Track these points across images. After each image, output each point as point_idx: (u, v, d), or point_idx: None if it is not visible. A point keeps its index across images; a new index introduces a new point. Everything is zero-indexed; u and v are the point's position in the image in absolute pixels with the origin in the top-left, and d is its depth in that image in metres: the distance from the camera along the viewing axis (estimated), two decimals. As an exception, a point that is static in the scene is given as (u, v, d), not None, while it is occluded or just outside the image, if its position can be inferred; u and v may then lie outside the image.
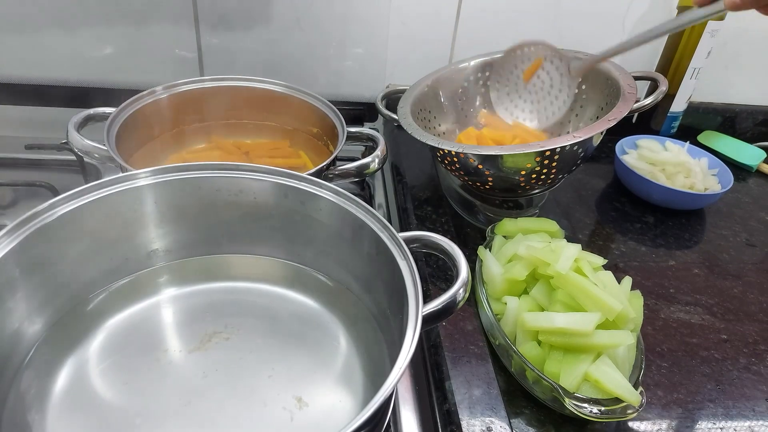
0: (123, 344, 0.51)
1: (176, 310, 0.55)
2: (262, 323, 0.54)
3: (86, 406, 0.46)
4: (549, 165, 0.66)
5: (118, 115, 0.70)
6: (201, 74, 0.92)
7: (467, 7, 0.91)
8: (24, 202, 0.76)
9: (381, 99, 0.85)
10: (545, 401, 0.51)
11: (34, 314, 0.49)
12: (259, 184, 0.56)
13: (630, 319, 0.53)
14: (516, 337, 0.54)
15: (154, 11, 0.86)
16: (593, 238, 0.76)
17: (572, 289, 0.53)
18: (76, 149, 0.66)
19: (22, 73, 0.89)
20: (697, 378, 0.57)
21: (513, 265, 0.58)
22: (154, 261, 0.58)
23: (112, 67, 0.90)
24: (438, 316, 0.44)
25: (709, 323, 0.63)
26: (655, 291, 0.67)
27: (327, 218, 0.55)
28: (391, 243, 0.49)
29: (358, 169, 0.69)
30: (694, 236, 0.78)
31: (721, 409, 0.54)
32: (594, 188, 0.87)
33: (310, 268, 0.59)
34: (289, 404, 0.47)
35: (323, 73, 0.96)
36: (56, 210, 0.49)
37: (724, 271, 0.72)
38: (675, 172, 0.83)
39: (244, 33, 0.90)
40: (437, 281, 0.64)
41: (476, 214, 0.76)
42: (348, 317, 0.55)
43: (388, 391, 0.36)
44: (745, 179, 0.93)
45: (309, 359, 0.51)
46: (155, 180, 0.54)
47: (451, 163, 0.70)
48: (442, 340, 0.56)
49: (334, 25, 0.91)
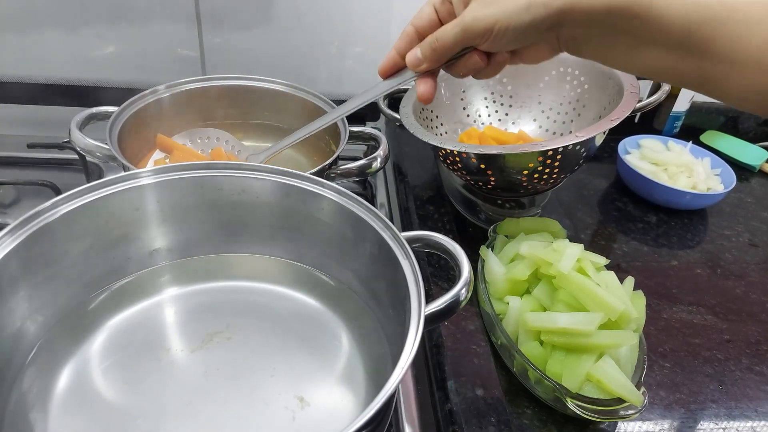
0: (125, 344, 0.51)
1: (178, 309, 0.55)
2: (264, 323, 0.54)
3: (88, 406, 0.46)
4: (551, 164, 0.65)
5: (120, 114, 0.70)
6: (203, 73, 0.92)
7: (469, 7, 0.90)
8: (26, 201, 0.76)
9: (383, 98, 0.85)
10: (547, 401, 0.51)
11: (36, 313, 0.49)
12: (261, 184, 0.55)
13: (632, 319, 0.53)
14: (518, 337, 0.54)
15: (156, 10, 0.86)
16: (595, 238, 0.76)
17: (574, 289, 0.53)
18: (79, 148, 0.66)
19: (24, 71, 0.89)
20: (699, 378, 0.56)
21: (515, 265, 0.58)
22: (156, 260, 0.58)
23: (114, 65, 0.90)
24: (440, 316, 0.44)
25: (712, 323, 0.63)
26: (657, 291, 0.67)
27: (329, 218, 0.55)
28: (394, 242, 0.49)
29: (360, 168, 0.69)
30: (696, 236, 0.78)
31: (724, 409, 0.54)
32: (596, 188, 0.86)
33: (312, 268, 0.59)
34: (291, 404, 0.47)
35: (325, 72, 0.96)
36: (58, 209, 0.49)
37: (726, 271, 0.72)
38: (677, 172, 0.82)
39: (245, 32, 0.90)
40: (439, 281, 0.64)
41: (478, 213, 0.76)
42: (350, 317, 0.55)
43: (390, 392, 0.36)
44: (748, 179, 0.92)
45: (311, 359, 0.51)
46: (157, 179, 0.54)
47: (453, 162, 0.70)
48: (444, 339, 0.56)
49: (335, 24, 0.91)
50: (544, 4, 0.42)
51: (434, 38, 0.47)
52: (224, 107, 0.81)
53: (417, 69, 0.50)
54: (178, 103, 0.77)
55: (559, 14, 0.42)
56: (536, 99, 0.83)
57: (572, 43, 0.45)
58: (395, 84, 0.52)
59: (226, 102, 0.81)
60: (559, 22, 0.43)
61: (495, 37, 0.44)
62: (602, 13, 0.41)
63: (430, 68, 0.49)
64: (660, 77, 0.44)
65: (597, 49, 0.45)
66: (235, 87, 0.80)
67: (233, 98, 0.81)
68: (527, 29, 0.43)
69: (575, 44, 0.45)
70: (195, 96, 0.78)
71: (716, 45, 0.39)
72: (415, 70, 0.50)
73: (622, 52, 0.44)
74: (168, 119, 0.77)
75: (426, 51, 0.48)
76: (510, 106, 0.85)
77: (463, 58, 0.48)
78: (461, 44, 0.47)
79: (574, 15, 0.42)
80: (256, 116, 0.83)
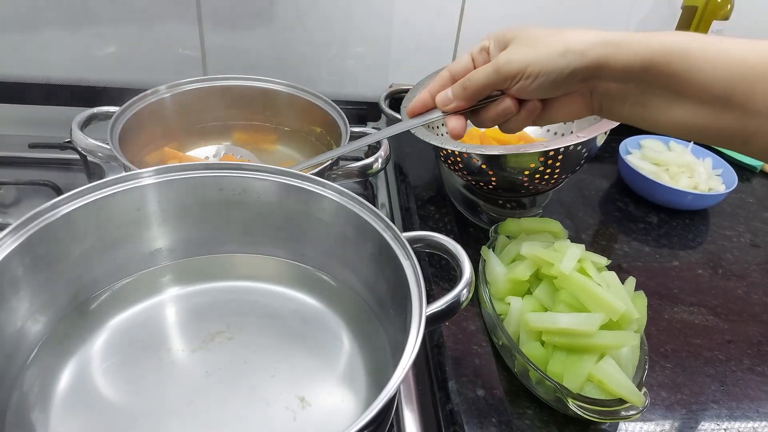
0: (126, 343, 0.51)
1: (179, 309, 0.55)
2: (265, 323, 0.54)
3: (89, 405, 0.46)
4: (553, 165, 0.65)
5: (121, 114, 0.70)
6: (204, 73, 0.92)
7: (471, 5, 0.90)
8: (27, 201, 0.76)
9: (384, 99, 0.85)
10: (548, 402, 0.51)
11: (38, 313, 0.49)
12: (262, 184, 0.55)
13: (634, 319, 0.52)
14: (519, 338, 0.54)
15: (158, 10, 0.86)
16: (596, 239, 0.76)
17: (576, 289, 0.53)
18: (80, 148, 0.66)
19: (25, 71, 0.89)
20: (700, 379, 0.56)
21: (516, 265, 0.58)
22: (158, 260, 0.58)
23: (115, 65, 0.90)
24: (442, 316, 0.44)
25: (713, 324, 0.63)
26: (658, 291, 0.67)
27: (330, 218, 0.55)
28: (395, 243, 0.49)
29: (361, 169, 0.69)
30: (697, 237, 0.77)
31: (725, 410, 0.53)
32: (597, 188, 0.86)
33: (313, 268, 0.59)
34: (292, 404, 0.47)
35: (326, 73, 0.96)
36: (60, 209, 0.49)
37: (728, 271, 0.71)
38: (679, 173, 0.82)
39: (247, 32, 0.90)
40: (440, 281, 0.64)
41: (479, 213, 0.76)
42: (351, 317, 0.55)
43: (391, 393, 0.36)
44: (749, 180, 0.92)
45: (312, 359, 0.51)
46: (158, 179, 0.54)
47: (454, 163, 0.70)
48: (445, 339, 0.56)
49: (336, 24, 0.91)
50: (581, 52, 0.42)
51: (466, 78, 0.48)
52: (225, 107, 0.81)
53: (445, 108, 0.50)
54: (180, 103, 0.77)
55: (595, 65, 0.42)
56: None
57: (606, 101, 0.45)
58: (422, 122, 0.52)
59: (228, 102, 0.81)
60: (595, 74, 0.43)
61: (527, 78, 0.44)
62: (639, 68, 0.41)
63: (458, 108, 0.49)
64: (698, 135, 0.43)
65: (633, 108, 0.44)
66: (236, 87, 0.80)
67: (234, 98, 0.81)
68: (560, 75, 0.43)
69: (609, 102, 0.45)
70: (196, 96, 0.78)
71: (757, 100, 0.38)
72: (443, 109, 0.50)
73: (659, 110, 0.43)
74: (169, 119, 0.77)
75: (457, 90, 0.48)
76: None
77: (494, 102, 0.48)
78: (492, 85, 0.46)
79: (611, 67, 0.42)
80: (256, 116, 0.83)
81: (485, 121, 0.50)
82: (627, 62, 0.41)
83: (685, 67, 0.40)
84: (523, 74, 0.44)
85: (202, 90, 0.78)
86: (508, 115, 0.48)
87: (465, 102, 0.48)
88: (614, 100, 0.45)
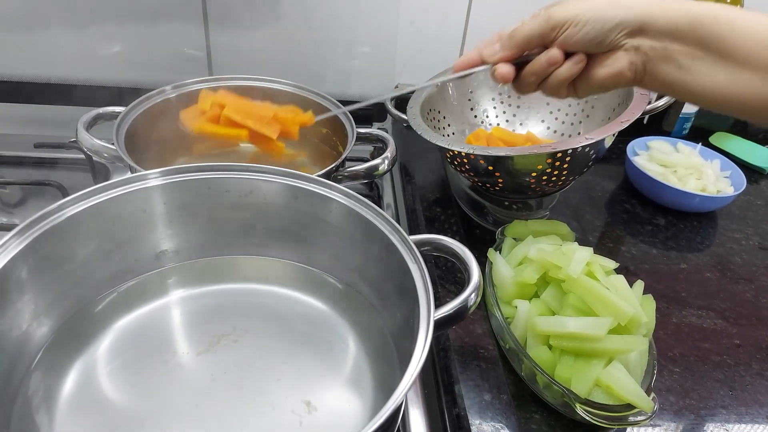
0: (131, 346, 0.51)
1: (185, 311, 0.55)
2: (271, 325, 0.54)
3: (94, 408, 0.46)
4: (560, 167, 0.65)
5: (127, 114, 0.69)
6: (210, 73, 0.92)
7: (477, 5, 0.90)
8: (33, 201, 0.76)
9: (390, 99, 0.85)
10: (556, 406, 0.51)
11: (43, 315, 0.49)
12: (268, 186, 0.55)
13: (642, 323, 0.52)
14: (526, 341, 0.54)
15: (164, 10, 0.86)
16: (603, 240, 0.75)
17: (584, 293, 0.52)
18: (85, 148, 0.66)
19: (31, 71, 0.89)
20: (709, 384, 0.56)
21: (523, 268, 0.58)
22: (163, 262, 0.58)
23: (121, 65, 0.90)
24: (449, 321, 0.43)
25: (722, 328, 0.62)
26: (666, 295, 0.66)
27: (337, 220, 0.54)
28: (402, 246, 0.48)
29: (367, 170, 0.68)
30: (705, 239, 0.77)
31: (734, 415, 0.53)
32: (605, 190, 0.86)
33: (319, 270, 0.59)
34: (298, 408, 0.47)
35: (331, 73, 0.95)
36: (66, 211, 0.49)
37: (736, 274, 0.71)
38: (687, 174, 0.82)
39: (252, 32, 0.90)
40: (446, 283, 0.63)
41: (486, 215, 0.76)
42: (357, 320, 0.55)
43: (399, 400, 0.36)
44: (758, 181, 0.92)
45: (318, 362, 0.51)
46: (164, 181, 0.53)
47: (460, 164, 0.70)
48: (452, 343, 0.56)
49: (342, 24, 0.91)
50: (628, 6, 0.43)
51: (515, 28, 0.49)
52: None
53: (492, 59, 0.50)
54: (186, 103, 0.77)
55: (641, 19, 0.43)
56: (544, 100, 0.82)
57: (649, 62, 0.45)
58: (468, 73, 0.52)
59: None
60: (641, 29, 0.43)
61: (575, 26, 0.45)
62: (685, 26, 0.42)
63: (503, 58, 0.49)
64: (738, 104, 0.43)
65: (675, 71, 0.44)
66: (241, 87, 0.80)
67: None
68: (606, 25, 0.44)
69: (652, 63, 0.45)
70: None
71: None
72: (491, 59, 0.50)
73: (701, 74, 0.43)
74: (175, 119, 0.77)
75: (504, 40, 0.49)
76: (518, 107, 0.84)
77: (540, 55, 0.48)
78: (540, 34, 0.47)
79: (657, 23, 0.42)
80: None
81: (528, 77, 0.50)
82: (673, 20, 0.42)
83: (731, 28, 0.40)
84: (571, 22, 0.45)
85: (207, 90, 0.78)
86: (553, 66, 0.48)
87: (511, 51, 0.49)
88: (657, 62, 0.45)
